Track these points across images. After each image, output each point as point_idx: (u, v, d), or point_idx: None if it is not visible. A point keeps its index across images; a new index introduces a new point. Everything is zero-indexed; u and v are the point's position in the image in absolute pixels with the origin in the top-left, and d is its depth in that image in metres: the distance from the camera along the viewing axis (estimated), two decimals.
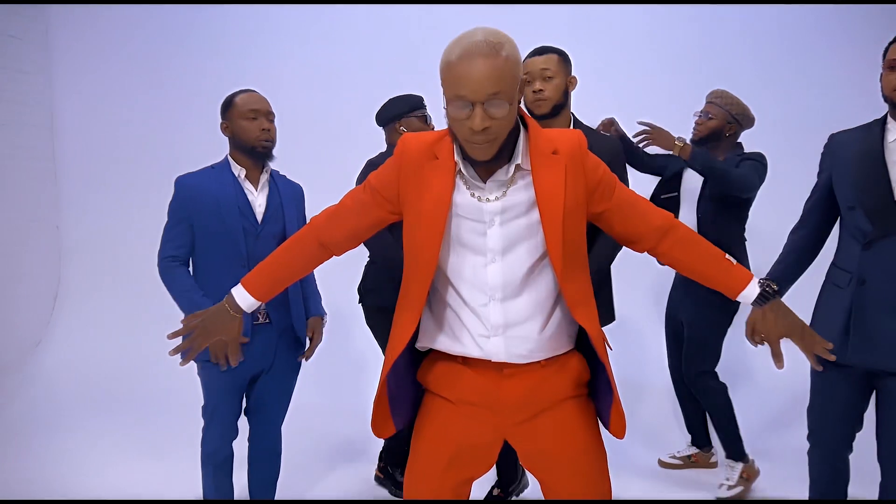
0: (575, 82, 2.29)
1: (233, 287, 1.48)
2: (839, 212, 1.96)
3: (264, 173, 2.13)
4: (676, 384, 3.00)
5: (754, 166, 2.54)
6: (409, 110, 2.52)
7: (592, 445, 1.41)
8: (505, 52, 1.19)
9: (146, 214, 4.09)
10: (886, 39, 1.83)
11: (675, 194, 2.77)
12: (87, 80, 4.17)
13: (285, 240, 1.89)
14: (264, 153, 2.07)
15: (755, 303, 1.39)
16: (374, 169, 1.45)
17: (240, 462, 2.25)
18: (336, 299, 3.36)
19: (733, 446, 2.75)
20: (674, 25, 3.89)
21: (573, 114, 2.31)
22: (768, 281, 1.39)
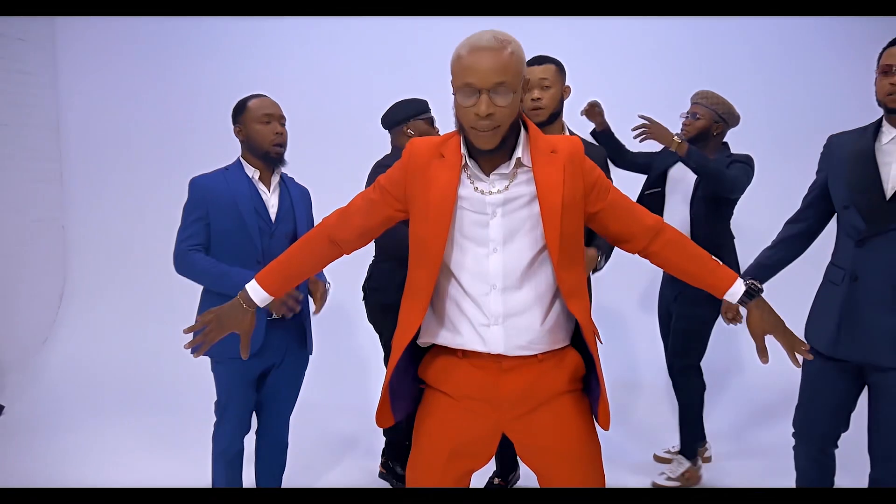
0: (569, 91, 2.39)
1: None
2: (834, 210, 2.01)
3: (275, 175, 2.18)
4: None
5: (744, 168, 2.60)
6: (416, 114, 2.56)
7: (587, 439, 1.47)
8: (510, 49, 1.31)
9: (151, 214, 4.16)
10: (876, 47, 1.88)
11: (659, 190, 2.83)
12: (92, 82, 4.18)
13: (296, 239, 1.96)
14: (277, 157, 2.12)
15: (741, 301, 1.45)
16: (383, 169, 1.52)
17: (247, 457, 2.27)
18: (340, 298, 3.40)
19: (691, 446, 2.81)
20: (668, 35, 3.97)
21: (565, 122, 2.41)
22: (753, 280, 1.47)
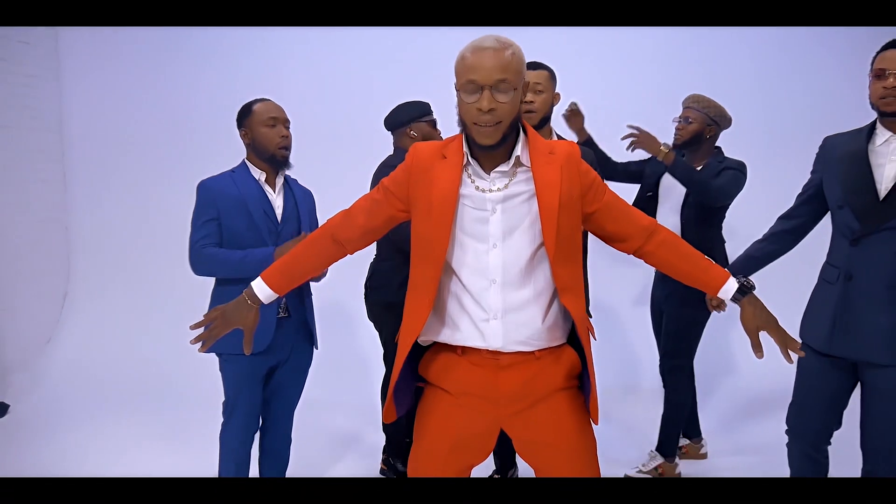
0: (559, 98, 2.45)
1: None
2: (826, 209, 2.05)
3: (279, 177, 2.22)
4: None
5: (734, 176, 2.61)
6: (419, 115, 2.60)
7: (583, 434, 1.51)
8: (512, 50, 1.38)
9: (153, 214, 4.19)
10: (870, 52, 1.91)
11: (651, 194, 2.86)
12: (95, 85, 4.21)
13: None
14: (283, 159, 2.16)
15: (734, 298, 1.50)
16: (388, 169, 1.57)
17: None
18: (340, 297, 3.44)
19: (669, 445, 2.84)
20: (661, 44, 4.02)
21: (552, 128, 2.46)
22: (745, 277, 1.51)
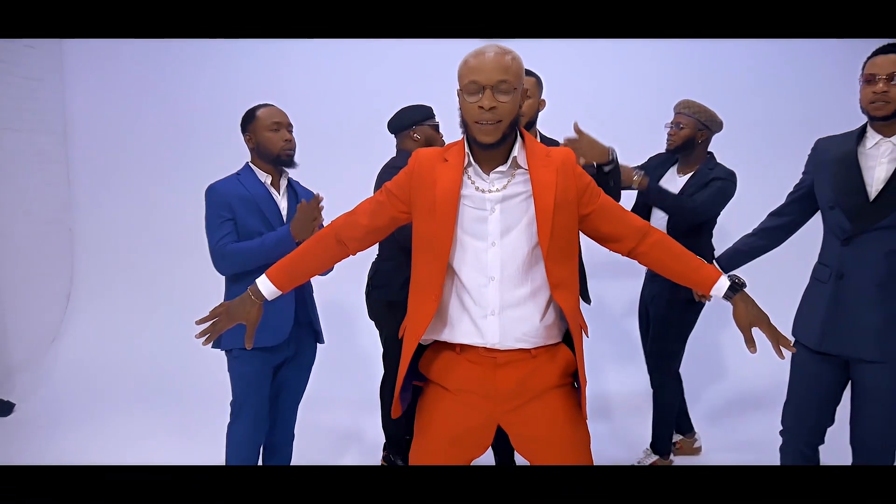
0: (544, 104, 2.52)
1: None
2: (815, 209, 2.11)
3: (283, 179, 2.28)
4: None
5: (720, 189, 2.60)
6: (422, 119, 2.65)
7: (577, 429, 1.57)
8: (512, 56, 1.46)
9: (157, 215, 4.23)
10: (861, 59, 1.95)
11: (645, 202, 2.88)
12: (99, 87, 4.25)
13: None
14: (287, 161, 2.22)
15: (726, 295, 1.55)
16: (392, 170, 1.63)
17: None
18: (341, 296, 3.49)
19: (663, 444, 2.90)
20: (655, 55, 4.07)
21: (539, 130, 2.53)
22: (736, 275, 1.56)
